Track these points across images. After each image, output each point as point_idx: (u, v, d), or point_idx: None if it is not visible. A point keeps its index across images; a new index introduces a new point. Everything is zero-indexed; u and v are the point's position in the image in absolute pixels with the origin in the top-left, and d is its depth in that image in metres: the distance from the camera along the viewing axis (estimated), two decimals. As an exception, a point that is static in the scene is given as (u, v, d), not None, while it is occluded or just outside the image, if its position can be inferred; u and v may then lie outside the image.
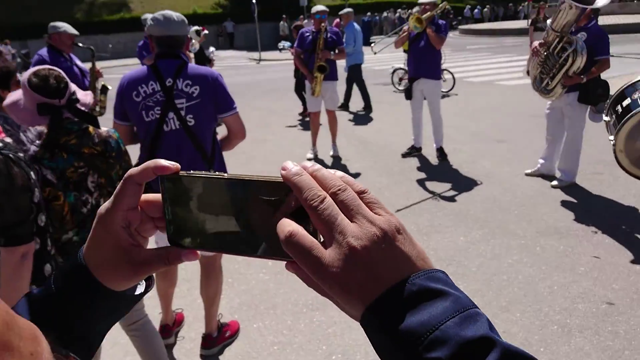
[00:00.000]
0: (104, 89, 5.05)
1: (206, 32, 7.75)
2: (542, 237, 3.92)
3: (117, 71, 14.63)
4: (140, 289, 0.55)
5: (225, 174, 0.47)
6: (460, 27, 32.49)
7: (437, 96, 5.88)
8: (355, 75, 8.99)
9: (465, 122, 7.79)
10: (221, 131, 2.79)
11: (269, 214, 0.46)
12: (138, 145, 2.61)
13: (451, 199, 4.80)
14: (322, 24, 5.84)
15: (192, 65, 2.55)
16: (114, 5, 32.73)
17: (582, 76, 4.43)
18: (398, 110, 9.01)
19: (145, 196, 0.52)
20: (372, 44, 10.68)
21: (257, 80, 14.87)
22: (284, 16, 27.77)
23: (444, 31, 5.54)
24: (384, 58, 18.13)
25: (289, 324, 3.00)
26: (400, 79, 10.86)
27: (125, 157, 2.16)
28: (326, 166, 5.90)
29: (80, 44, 5.27)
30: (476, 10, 39.06)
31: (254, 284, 3.45)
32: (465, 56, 17.43)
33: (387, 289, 0.40)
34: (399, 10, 30.47)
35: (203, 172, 0.49)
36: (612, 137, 3.36)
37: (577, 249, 3.70)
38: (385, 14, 31.01)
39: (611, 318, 2.88)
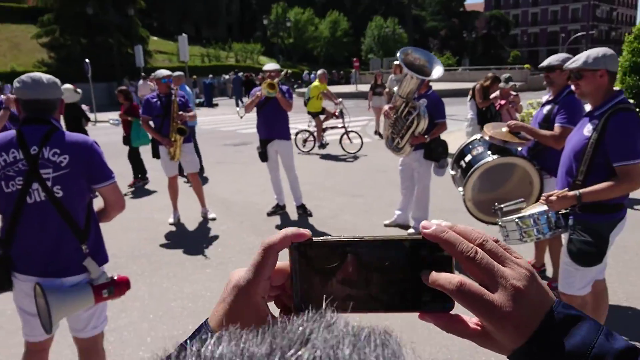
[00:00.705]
0: None
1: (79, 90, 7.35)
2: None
3: None
4: None
5: (358, 236, 0.49)
6: (298, 90, 34.66)
7: (290, 156, 6.15)
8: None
9: (320, 179, 8.22)
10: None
11: (397, 269, 0.49)
12: None
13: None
14: (174, 87, 5.84)
15: (64, 132, 2.33)
16: None
17: (425, 136, 5.05)
18: (254, 170, 9.15)
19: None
20: (238, 109, 11.18)
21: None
22: (126, 77, 26.87)
23: (290, 95, 5.90)
24: (229, 120, 18.39)
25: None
26: (305, 141, 10.93)
27: None
28: (190, 230, 5.60)
29: None
30: (312, 75, 42.27)
31: None
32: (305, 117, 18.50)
33: (541, 321, 0.46)
34: (240, 73, 31.49)
35: (334, 236, 0.50)
36: (461, 189, 3.86)
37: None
38: (226, 76, 31.76)
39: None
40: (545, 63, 3.72)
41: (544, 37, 77.69)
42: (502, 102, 6.82)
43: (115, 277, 2.37)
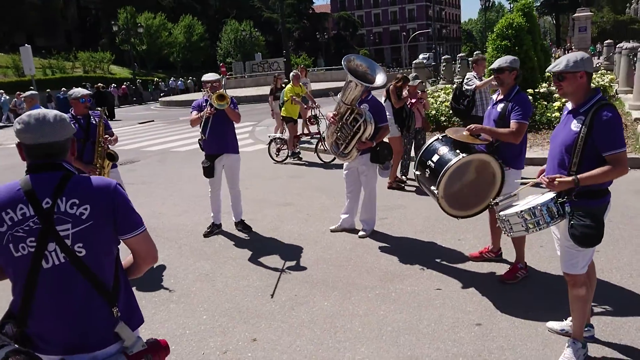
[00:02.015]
0: None
1: None
2: (389, 283, 4.36)
3: None
4: None
5: None
6: (161, 99, 33.04)
7: (238, 170, 5.91)
8: None
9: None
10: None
11: None
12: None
13: (288, 268, 4.84)
14: (100, 109, 5.24)
15: (81, 177, 1.96)
16: None
17: (372, 141, 5.19)
18: (159, 190, 8.57)
19: None
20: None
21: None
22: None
23: (235, 105, 5.65)
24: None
25: None
26: (279, 150, 10.20)
27: None
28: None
29: None
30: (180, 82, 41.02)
31: None
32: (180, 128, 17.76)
33: None
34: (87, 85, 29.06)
35: None
36: (434, 188, 4.06)
37: (421, 286, 4.25)
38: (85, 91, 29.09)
39: (488, 336, 3.43)
40: (495, 65, 4.06)
41: (387, 36, 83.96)
42: (413, 100, 7.26)
43: (153, 341, 2.06)
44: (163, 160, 11.65)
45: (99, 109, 5.53)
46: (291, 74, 10.65)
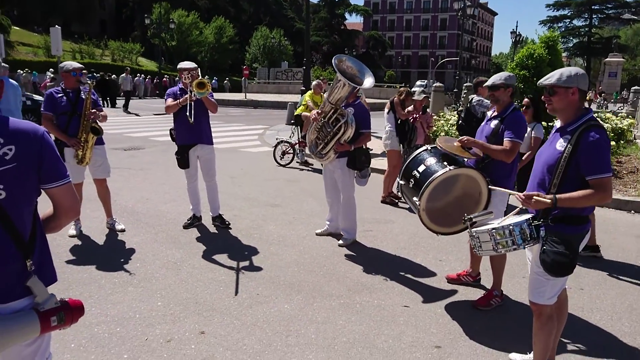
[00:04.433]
0: None
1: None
2: (356, 294, 4.16)
3: None
4: None
5: None
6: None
7: (213, 162, 5.75)
8: None
9: (232, 189, 7.84)
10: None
11: None
12: None
13: (257, 267, 4.68)
14: (89, 82, 5.16)
15: (7, 118, 1.84)
16: None
17: (351, 145, 5.03)
18: (154, 177, 8.50)
19: None
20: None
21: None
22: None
23: (211, 95, 5.50)
24: (112, 122, 17.12)
25: None
26: (284, 153, 10.11)
27: None
28: (99, 243, 4.98)
29: None
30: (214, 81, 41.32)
31: None
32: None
33: None
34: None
35: None
36: (416, 199, 3.86)
37: (388, 301, 4.04)
38: (21, 72, 29.81)
39: (445, 359, 3.22)
40: (489, 82, 3.89)
41: (416, 60, 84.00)
42: (416, 115, 7.09)
43: (67, 300, 1.92)
44: (167, 150, 11.59)
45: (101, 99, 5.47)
46: (314, 82, 10.59)
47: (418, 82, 47.21)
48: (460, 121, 7.81)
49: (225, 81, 44.90)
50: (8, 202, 1.76)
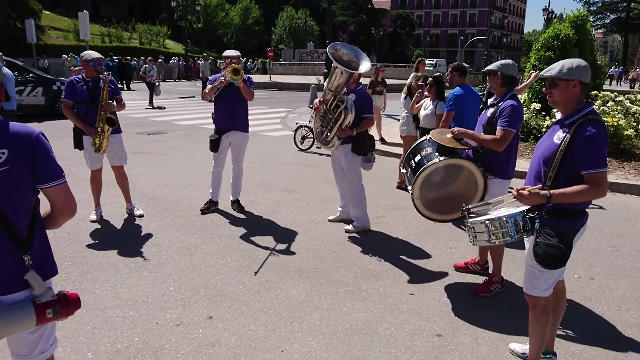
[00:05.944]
0: None
1: None
2: (362, 281, 4.23)
3: None
4: None
5: None
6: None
7: (244, 149, 5.95)
8: None
9: (248, 173, 7.95)
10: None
11: None
12: None
13: (268, 253, 4.79)
14: (107, 73, 5.30)
15: (8, 124, 1.96)
16: None
17: (353, 129, 5.06)
18: (176, 162, 8.68)
19: None
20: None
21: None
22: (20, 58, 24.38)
23: (251, 84, 5.64)
24: (138, 106, 17.45)
25: None
26: (304, 137, 10.20)
27: None
28: (117, 228, 5.14)
29: None
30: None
31: None
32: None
33: None
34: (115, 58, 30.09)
35: None
36: (410, 187, 3.92)
37: (394, 289, 4.10)
38: (66, 57, 30.42)
39: (445, 349, 3.27)
40: (487, 68, 3.90)
41: (445, 39, 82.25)
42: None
43: (65, 293, 2.04)
44: (189, 135, 11.82)
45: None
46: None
47: (427, 62, 46.38)
48: (482, 105, 7.71)
49: (254, 62, 44.95)
50: (3, 202, 1.88)
